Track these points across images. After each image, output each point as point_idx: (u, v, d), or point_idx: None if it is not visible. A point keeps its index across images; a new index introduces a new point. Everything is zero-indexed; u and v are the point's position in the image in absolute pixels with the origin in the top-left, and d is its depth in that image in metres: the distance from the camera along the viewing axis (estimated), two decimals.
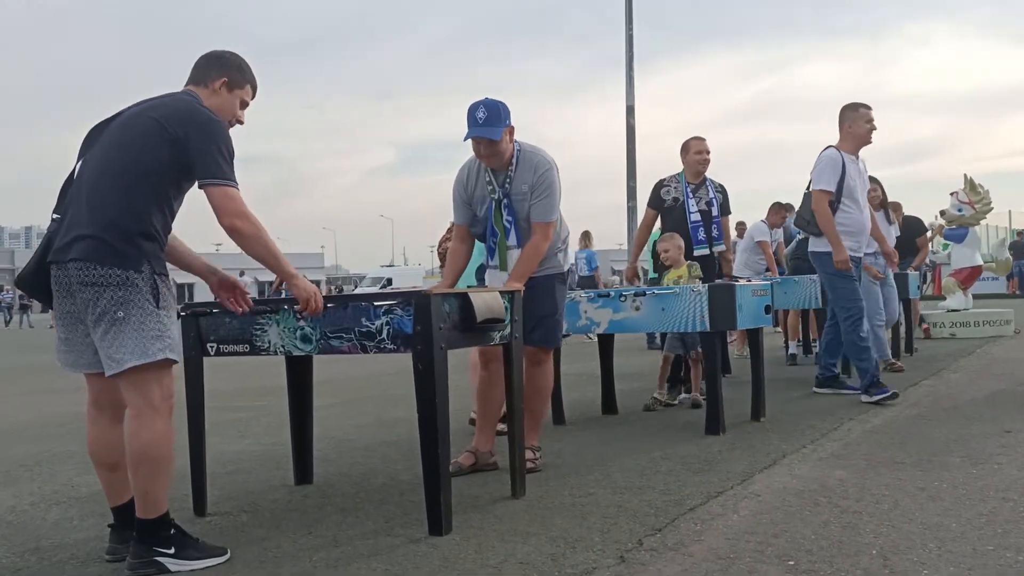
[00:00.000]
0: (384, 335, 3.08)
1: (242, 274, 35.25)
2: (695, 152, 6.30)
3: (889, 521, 2.97)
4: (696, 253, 6.14)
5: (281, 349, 3.27)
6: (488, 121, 3.81)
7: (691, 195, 6.24)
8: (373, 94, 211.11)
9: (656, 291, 5.03)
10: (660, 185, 6.41)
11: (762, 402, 5.26)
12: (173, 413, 2.77)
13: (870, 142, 5.87)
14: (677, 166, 6.44)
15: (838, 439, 4.53)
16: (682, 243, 5.90)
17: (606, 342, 5.84)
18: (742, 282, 5.33)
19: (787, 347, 8.85)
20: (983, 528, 2.84)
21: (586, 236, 14.03)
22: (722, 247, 6.35)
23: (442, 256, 5.12)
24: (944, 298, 11.43)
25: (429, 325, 2.99)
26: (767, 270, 8.93)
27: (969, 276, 11.79)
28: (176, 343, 2.74)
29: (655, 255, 6.25)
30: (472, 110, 3.83)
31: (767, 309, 5.21)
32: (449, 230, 5.05)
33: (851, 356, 5.81)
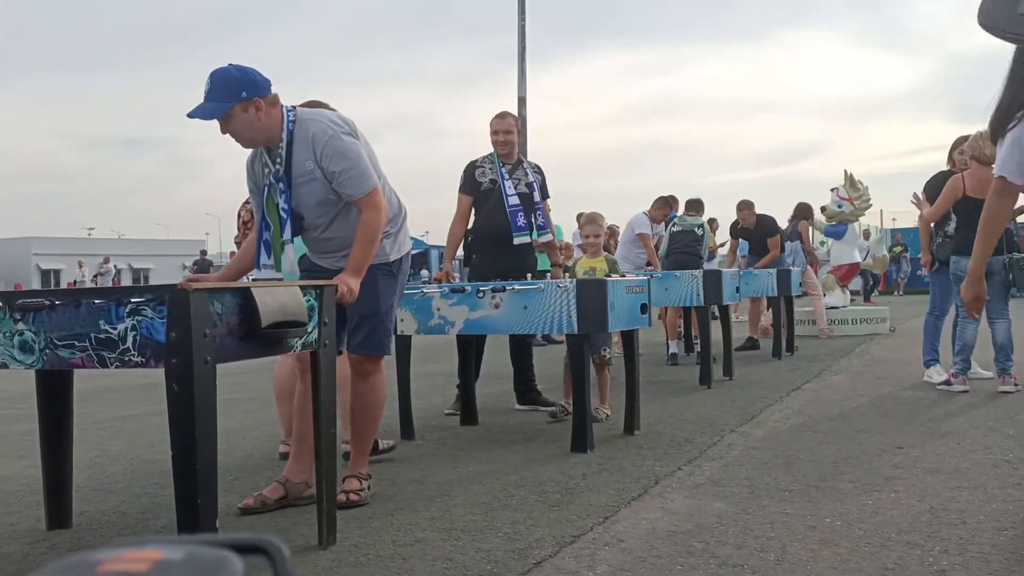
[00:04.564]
0: (129, 344, 2.31)
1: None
2: (492, 132, 5.44)
3: None
4: (516, 241, 5.32)
5: None
6: (210, 95, 2.99)
7: (507, 176, 5.39)
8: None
9: (518, 287, 4.38)
10: (474, 166, 5.45)
11: (636, 414, 4.67)
12: None
13: None
14: (568, 159, 5.80)
15: (717, 457, 3.98)
16: (599, 233, 5.41)
17: (465, 342, 5.16)
18: (616, 277, 4.74)
19: (668, 346, 8.41)
20: None
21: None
22: (548, 236, 5.61)
23: (243, 224, 4.31)
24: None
25: (188, 331, 2.23)
26: (648, 264, 8.46)
27: (848, 273, 11.77)
28: None
29: (467, 242, 5.55)
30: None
31: (643, 308, 4.63)
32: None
33: None
